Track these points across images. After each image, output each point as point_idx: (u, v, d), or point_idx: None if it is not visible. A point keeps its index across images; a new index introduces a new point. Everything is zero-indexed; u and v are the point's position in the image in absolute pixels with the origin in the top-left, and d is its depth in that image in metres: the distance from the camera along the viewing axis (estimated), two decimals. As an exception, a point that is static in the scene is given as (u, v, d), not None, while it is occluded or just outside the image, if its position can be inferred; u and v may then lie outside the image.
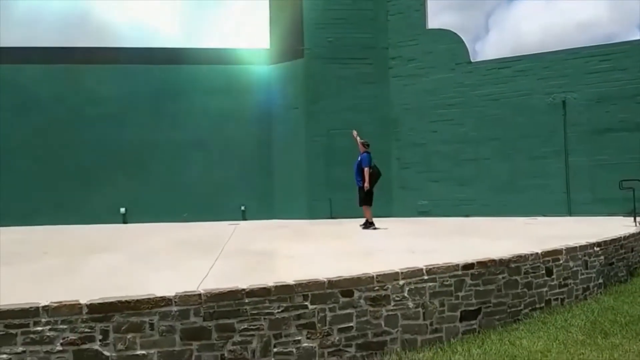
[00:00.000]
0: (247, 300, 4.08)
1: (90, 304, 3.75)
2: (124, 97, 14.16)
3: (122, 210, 13.89)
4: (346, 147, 14.04)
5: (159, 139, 14.12)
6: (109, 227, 12.41)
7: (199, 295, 3.98)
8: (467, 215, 13.28)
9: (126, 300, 3.83)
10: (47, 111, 13.87)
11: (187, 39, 14.22)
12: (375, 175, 10.21)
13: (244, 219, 14.12)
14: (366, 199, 10.24)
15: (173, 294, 3.93)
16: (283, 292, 4.19)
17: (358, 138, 10.61)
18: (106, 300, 3.80)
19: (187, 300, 3.94)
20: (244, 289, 4.09)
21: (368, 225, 10.29)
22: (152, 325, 3.85)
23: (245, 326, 4.05)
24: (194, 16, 14.32)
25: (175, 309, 3.90)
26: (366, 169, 10.03)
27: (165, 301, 3.88)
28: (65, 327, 3.69)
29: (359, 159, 10.29)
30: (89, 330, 3.72)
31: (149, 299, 3.86)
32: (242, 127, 14.44)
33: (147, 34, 14.20)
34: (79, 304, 3.74)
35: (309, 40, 14.39)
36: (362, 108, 14.21)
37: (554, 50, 13.18)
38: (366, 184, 10.01)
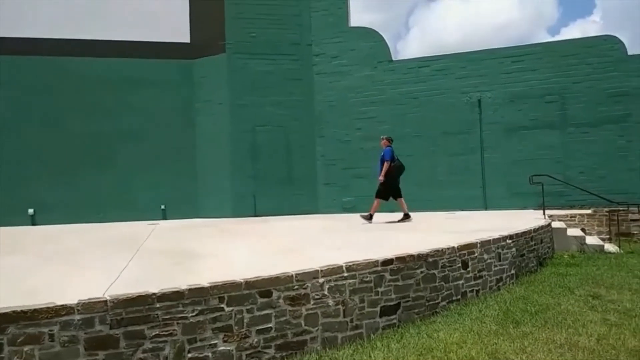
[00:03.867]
0: (158, 305, 3.85)
1: (-20, 316, 3.40)
2: (35, 89, 13.29)
3: (31, 211, 13.00)
4: (271, 144, 13.96)
5: (72, 134, 13.36)
6: (15, 230, 11.55)
7: (105, 301, 3.71)
8: (391, 211, 13.53)
9: (22, 311, 3.50)
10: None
11: (104, 30, 13.48)
12: (397, 169, 10.39)
13: (165, 218, 13.65)
14: (382, 192, 10.47)
15: (75, 302, 3.64)
16: (197, 294, 4.00)
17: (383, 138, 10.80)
18: (-2, 311, 3.46)
19: (91, 307, 3.66)
20: (154, 293, 3.87)
21: (369, 217, 10.50)
22: (52, 336, 3.55)
23: (157, 332, 3.83)
24: (112, 7, 13.59)
25: (77, 317, 3.61)
26: (386, 163, 10.23)
27: (66, 309, 3.59)
28: (-49, 342, 3.33)
29: (381, 154, 10.46)
30: (-21, 345, 3.38)
31: (47, 308, 3.55)
32: (164, 123, 13.97)
33: (60, 25, 13.32)
34: (-33, 316, 3.38)
35: (231, 35, 14.12)
36: (288, 104, 14.18)
37: (471, 51, 13.71)
38: (380, 177, 10.28)
